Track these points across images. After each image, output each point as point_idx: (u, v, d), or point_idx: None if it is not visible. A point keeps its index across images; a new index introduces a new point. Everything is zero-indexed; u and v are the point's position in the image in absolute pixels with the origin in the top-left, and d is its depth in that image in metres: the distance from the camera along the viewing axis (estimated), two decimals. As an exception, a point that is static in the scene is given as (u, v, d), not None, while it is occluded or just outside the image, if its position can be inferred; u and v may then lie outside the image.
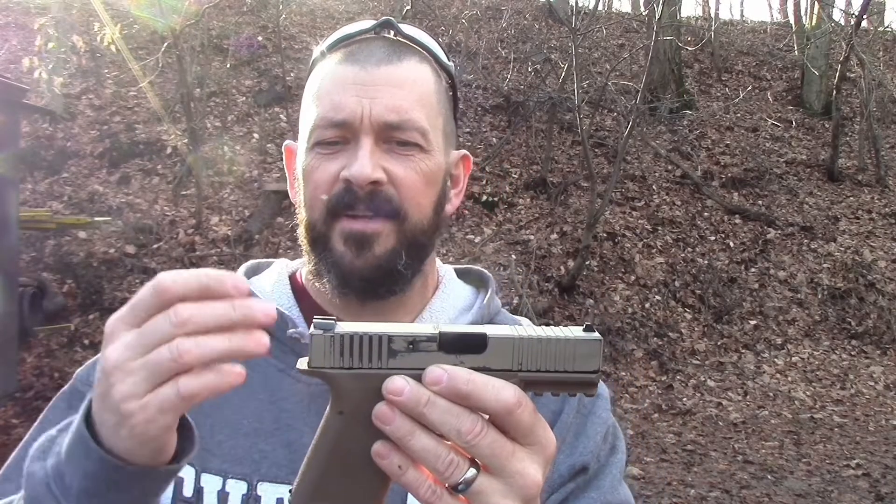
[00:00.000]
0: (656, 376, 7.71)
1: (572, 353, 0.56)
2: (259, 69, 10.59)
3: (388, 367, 0.55)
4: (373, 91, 0.85)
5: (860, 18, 11.31)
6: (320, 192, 0.86)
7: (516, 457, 0.55)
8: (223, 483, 0.86)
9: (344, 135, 0.86)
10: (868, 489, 5.48)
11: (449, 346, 0.56)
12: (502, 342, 0.56)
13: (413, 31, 0.94)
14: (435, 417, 0.54)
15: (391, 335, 0.56)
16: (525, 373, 0.56)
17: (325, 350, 0.56)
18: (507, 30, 11.95)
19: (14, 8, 10.71)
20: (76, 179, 8.49)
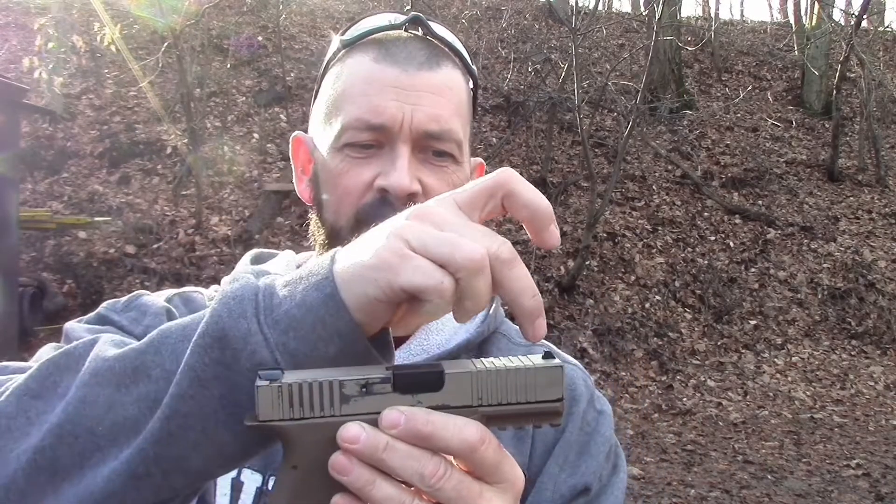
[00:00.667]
0: (656, 376, 7.71)
1: (533, 383, 0.53)
2: (259, 69, 10.59)
3: (341, 413, 0.52)
4: (414, 97, 0.82)
5: (860, 18, 11.31)
6: (351, 198, 0.82)
7: (484, 497, 0.52)
8: (238, 471, 0.83)
9: (379, 139, 0.82)
10: (868, 489, 5.48)
11: (404, 387, 0.52)
12: (460, 377, 0.53)
13: (442, 30, 0.90)
14: (395, 463, 0.50)
15: (342, 380, 0.52)
16: (486, 407, 0.53)
17: (272, 401, 0.51)
18: (507, 30, 11.95)
19: (14, 8, 10.71)
20: (76, 179, 8.50)
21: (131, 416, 0.55)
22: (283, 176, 8.98)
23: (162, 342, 0.57)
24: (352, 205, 0.82)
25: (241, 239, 8.03)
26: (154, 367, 0.56)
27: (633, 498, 5.05)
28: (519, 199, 0.53)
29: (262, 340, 0.52)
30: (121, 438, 0.55)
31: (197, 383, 0.53)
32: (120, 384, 0.56)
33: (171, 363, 0.55)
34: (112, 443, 0.55)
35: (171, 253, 7.77)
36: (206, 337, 0.54)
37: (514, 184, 0.53)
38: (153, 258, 7.67)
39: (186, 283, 7.54)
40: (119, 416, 0.55)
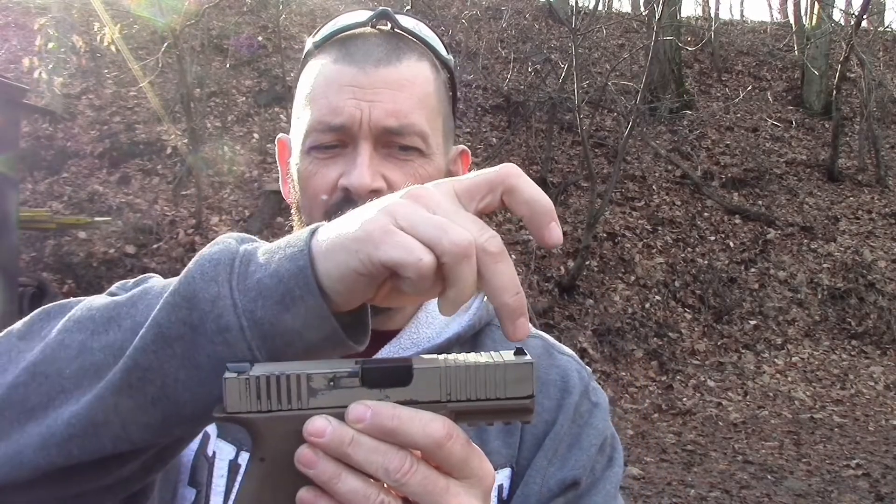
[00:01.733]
0: (656, 376, 7.71)
1: (503, 379, 0.53)
2: (259, 69, 10.59)
3: (308, 407, 0.52)
4: (371, 94, 0.82)
5: (860, 18, 11.31)
6: (319, 199, 0.84)
7: (451, 492, 0.52)
8: (237, 453, 0.84)
9: (342, 139, 0.83)
10: (868, 489, 5.48)
11: (372, 381, 0.52)
12: (428, 372, 0.52)
13: (411, 22, 0.90)
14: (360, 457, 0.50)
15: (310, 373, 0.52)
16: (454, 403, 0.53)
17: (240, 394, 0.52)
18: (507, 30, 11.95)
19: (14, 8, 10.71)
20: (76, 179, 8.50)
21: (97, 361, 0.56)
22: (283, 176, 8.99)
23: (141, 297, 0.58)
24: (321, 206, 0.84)
25: (241, 239, 8.03)
26: (126, 318, 0.57)
27: (633, 498, 5.05)
28: (520, 196, 0.52)
29: (230, 305, 0.52)
30: (84, 383, 0.56)
31: (161, 339, 0.54)
32: (94, 331, 0.57)
33: (143, 317, 0.56)
34: (76, 386, 0.56)
35: (171, 253, 7.76)
36: (177, 296, 0.54)
37: (516, 179, 0.52)
38: (153, 258, 7.67)
39: (186, 283, 7.55)
40: (86, 362, 0.56)
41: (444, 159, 0.89)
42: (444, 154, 0.89)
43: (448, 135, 0.91)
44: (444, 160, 0.89)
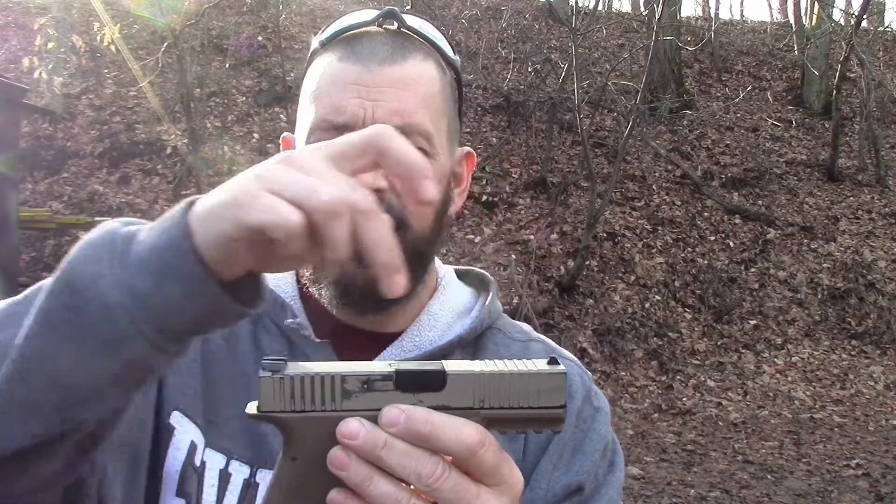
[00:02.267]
0: (656, 376, 7.71)
1: (536, 388, 0.53)
2: (259, 69, 10.59)
3: (342, 408, 0.52)
4: (375, 93, 0.81)
5: (860, 18, 11.31)
6: None
7: (481, 499, 0.52)
8: (226, 463, 0.83)
9: None
10: (868, 489, 5.48)
11: (406, 385, 0.53)
12: (462, 378, 0.53)
13: (417, 21, 0.89)
14: (393, 461, 0.50)
15: (344, 375, 0.53)
16: (487, 410, 0.53)
17: (274, 393, 0.53)
18: (507, 30, 11.95)
19: (14, 8, 10.71)
20: (76, 179, 8.50)
21: None
22: (283, 176, 8.98)
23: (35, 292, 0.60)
24: None
25: (241, 239, 8.03)
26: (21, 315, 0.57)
27: (633, 498, 5.05)
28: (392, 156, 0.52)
29: (109, 283, 0.53)
30: None
31: (46, 325, 0.54)
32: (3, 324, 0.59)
33: None
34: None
35: (171, 253, 7.77)
36: (59, 282, 0.55)
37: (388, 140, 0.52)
38: (153, 258, 7.67)
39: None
40: None
41: (449, 160, 0.89)
42: (448, 154, 0.88)
43: (453, 136, 0.90)
44: (449, 161, 0.89)
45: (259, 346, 0.88)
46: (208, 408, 0.84)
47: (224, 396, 0.85)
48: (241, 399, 0.84)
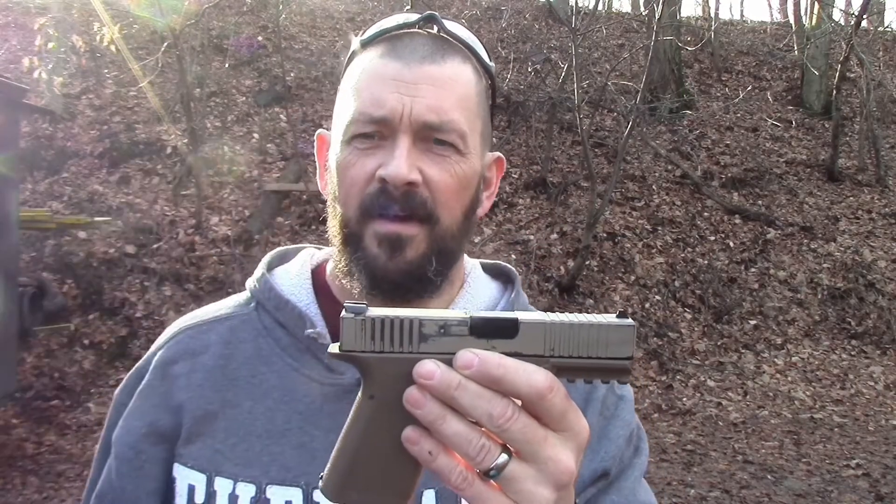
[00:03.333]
0: (656, 376, 7.71)
1: (605, 340, 0.55)
2: (259, 69, 10.59)
3: (419, 351, 0.55)
4: (414, 89, 0.83)
5: (860, 18, 11.31)
6: (356, 189, 0.85)
7: (549, 442, 0.54)
8: (234, 486, 0.86)
9: (382, 130, 0.84)
10: (868, 489, 5.48)
11: (480, 331, 0.55)
12: (534, 327, 0.55)
13: (456, 27, 0.91)
14: (466, 401, 0.53)
15: (422, 319, 0.55)
16: (557, 358, 0.55)
17: (356, 333, 0.56)
18: (507, 30, 11.95)
19: (14, 8, 10.71)
20: (76, 179, 8.50)
21: None
22: (283, 176, 8.97)
23: None
24: (357, 195, 0.85)
25: (241, 239, 8.03)
26: None
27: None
28: None
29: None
30: None
31: None
32: None
33: None
34: None
35: (171, 253, 7.76)
36: None
37: None
38: (153, 258, 7.67)
39: (186, 283, 7.54)
40: None
41: (481, 162, 0.90)
42: (480, 156, 0.90)
43: (486, 139, 0.92)
44: (481, 163, 0.90)
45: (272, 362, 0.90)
46: (213, 439, 0.88)
47: (232, 423, 0.88)
48: (249, 421, 0.88)
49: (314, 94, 10.35)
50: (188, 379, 0.90)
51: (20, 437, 5.78)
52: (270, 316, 0.92)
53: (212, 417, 0.88)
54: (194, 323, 0.96)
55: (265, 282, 0.95)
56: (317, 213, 8.47)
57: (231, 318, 0.94)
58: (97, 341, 6.94)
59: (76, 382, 6.50)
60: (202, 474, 0.87)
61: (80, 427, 6.00)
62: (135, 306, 7.24)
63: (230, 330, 0.93)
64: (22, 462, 5.42)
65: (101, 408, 6.24)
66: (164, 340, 0.96)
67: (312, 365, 0.88)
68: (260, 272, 0.97)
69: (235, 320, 0.94)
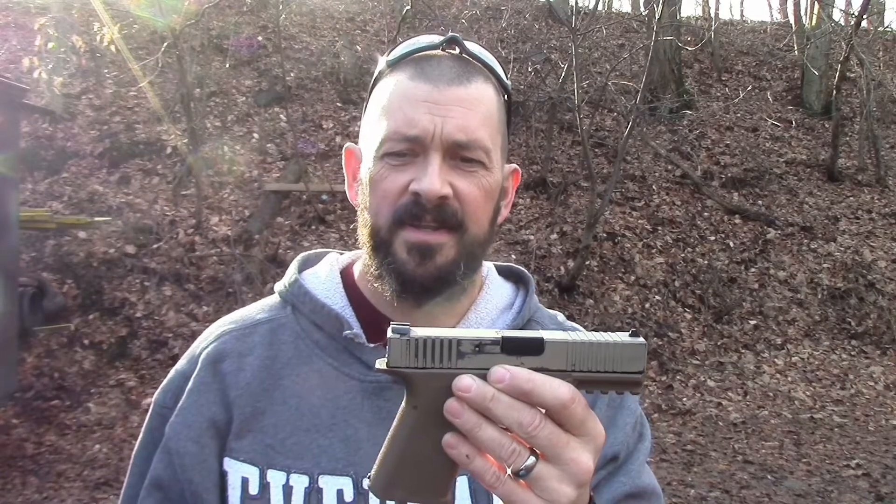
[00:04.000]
0: (656, 376, 7.71)
1: (619, 356, 0.63)
2: (259, 69, 10.59)
3: (457, 367, 0.63)
4: (444, 110, 0.90)
5: (860, 18, 11.30)
6: (388, 200, 0.92)
7: (570, 446, 0.62)
8: (287, 478, 0.92)
9: (414, 148, 0.90)
10: (868, 489, 5.48)
11: (511, 349, 0.63)
12: (558, 346, 0.63)
13: (476, 48, 0.98)
14: (499, 411, 0.61)
15: (460, 339, 0.63)
16: (578, 373, 0.63)
17: (401, 352, 0.63)
18: (507, 30, 11.95)
19: (14, 8, 10.71)
20: (76, 179, 8.49)
21: None
22: (283, 176, 8.98)
23: None
24: (390, 206, 0.92)
25: (241, 239, 8.03)
26: None
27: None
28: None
29: None
30: None
31: None
32: None
33: None
34: None
35: (171, 253, 7.76)
36: None
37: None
38: (153, 258, 7.67)
39: (186, 283, 7.54)
40: None
41: (501, 174, 0.98)
42: (501, 169, 0.98)
43: (504, 152, 1.00)
44: (501, 175, 0.98)
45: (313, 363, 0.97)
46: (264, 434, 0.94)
47: (280, 419, 0.95)
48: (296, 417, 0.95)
49: (314, 94, 10.35)
50: (236, 377, 0.96)
51: (20, 437, 5.78)
52: (307, 318, 0.99)
53: (259, 414, 0.94)
54: (235, 326, 1.02)
55: (299, 286, 1.02)
56: (317, 213, 8.47)
57: (270, 322, 1.01)
58: (97, 341, 6.94)
59: (76, 382, 6.50)
60: (255, 467, 0.93)
61: (80, 427, 6.00)
62: (135, 306, 7.24)
63: (271, 332, 1.00)
64: (22, 462, 5.42)
65: (101, 408, 6.24)
66: (207, 342, 1.01)
67: (351, 363, 0.96)
68: (292, 277, 1.04)
69: (274, 323, 1.01)
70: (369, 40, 11.71)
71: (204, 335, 1.03)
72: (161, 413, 0.98)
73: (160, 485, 0.95)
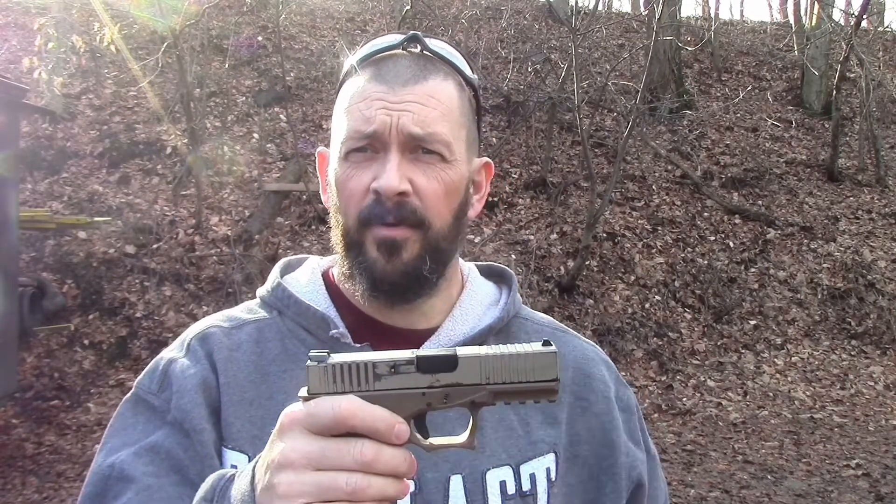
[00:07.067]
0: (656, 376, 7.71)
1: (532, 366, 0.63)
2: (259, 69, 10.59)
3: (374, 389, 0.64)
4: (399, 106, 0.92)
5: (860, 18, 11.31)
6: (354, 201, 0.93)
7: None
8: None
9: (374, 144, 0.92)
10: (868, 489, 5.48)
11: (425, 368, 0.64)
12: (471, 360, 0.64)
13: (439, 45, 0.99)
14: None
15: (375, 362, 0.64)
16: (492, 385, 0.64)
17: (320, 378, 0.65)
18: (507, 30, 11.95)
19: (14, 8, 10.71)
20: (76, 179, 8.49)
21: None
22: (283, 176, 8.98)
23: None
24: (356, 206, 0.93)
25: (241, 239, 8.03)
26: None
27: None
28: (360, 426, 0.63)
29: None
30: None
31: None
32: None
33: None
34: None
35: (171, 253, 7.76)
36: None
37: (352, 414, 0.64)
38: (153, 258, 7.67)
39: (186, 283, 7.54)
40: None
41: (468, 167, 0.98)
42: (467, 162, 0.98)
43: (471, 146, 0.99)
44: (468, 168, 0.98)
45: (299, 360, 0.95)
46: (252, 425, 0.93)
47: (268, 412, 0.93)
48: None
49: (314, 94, 10.35)
50: (226, 366, 0.96)
51: (20, 437, 5.78)
52: (293, 321, 0.99)
53: (247, 404, 0.94)
54: (222, 325, 1.01)
55: (283, 290, 1.02)
56: (317, 213, 8.47)
57: (257, 322, 1.01)
58: (97, 341, 6.94)
59: (76, 382, 6.50)
60: (243, 455, 0.92)
61: (80, 427, 6.00)
62: (135, 306, 7.24)
63: (258, 331, 1.00)
64: (22, 462, 5.42)
65: (101, 408, 6.24)
66: (196, 333, 1.00)
67: None
68: (275, 282, 1.04)
69: (261, 324, 1.01)
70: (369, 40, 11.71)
71: (191, 328, 1.03)
72: (145, 398, 0.95)
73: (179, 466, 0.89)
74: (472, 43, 11.37)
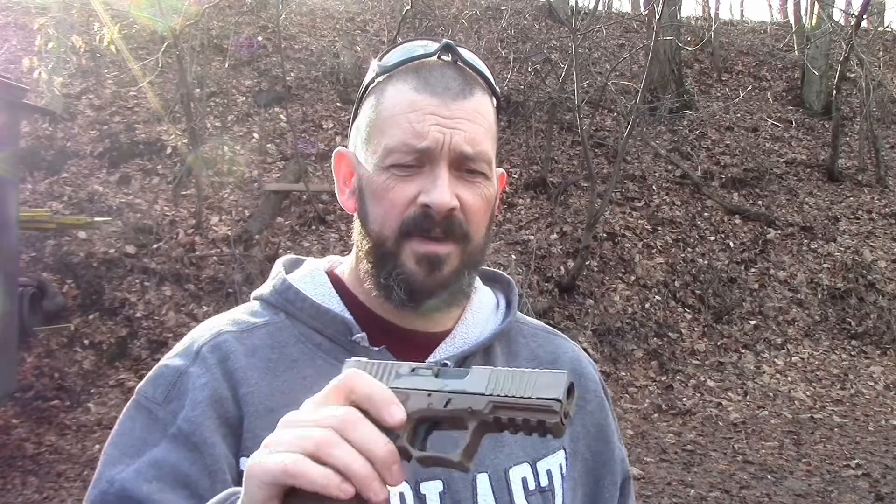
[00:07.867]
0: (656, 376, 7.71)
1: (536, 383, 0.64)
2: (259, 69, 10.59)
3: (394, 386, 0.68)
4: (452, 123, 0.91)
5: (860, 18, 11.31)
6: (395, 211, 0.92)
7: None
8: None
9: (421, 160, 0.91)
10: (868, 489, 5.48)
11: (441, 374, 0.69)
12: (482, 372, 0.67)
13: (470, 55, 0.99)
14: None
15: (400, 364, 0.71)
16: (494, 396, 0.65)
17: None
18: (507, 30, 11.94)
19: (14, 8, 10.71)
20: (76, 179, 8.50)
21: None
22: (283, 176, 8.98)
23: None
24: (397, 217, 0.92)
25: (241, 239, 8.03)
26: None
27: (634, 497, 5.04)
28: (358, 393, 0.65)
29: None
30: None
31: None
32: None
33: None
34: None
35: (171, 253, 7.76)
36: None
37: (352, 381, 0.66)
38: (153, 258, 7.67)
39: (186, 283, 7.54)
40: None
41: (495, 180, 0.99)
42: (495, 176, 0.99)
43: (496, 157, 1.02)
44: (495, 181, 0.99)
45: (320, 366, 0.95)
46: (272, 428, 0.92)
47: None
48: None
49: (314, 94, 10.35)
50: (245, 374, 0.93)
51: (20, 437, 5.78)
52: (305, 323, 0.98)
53: (270, 412, 0.90)
54: (232, 329, 0.97)
55: (295, 292, 1.00)
56: (317, 213, 8.47)
57: (267, 325, 0.98)
58: (97, 341, 6.94)
59: (76, 382, 6.50)
60: None
61: (80, 427, 6.00)
62: (135, 306, 7.24)
63: (270, 335, 0.97)
64: (22, 462, 5.42)
65: (101, 408, 6.25)
66: (205, 339, 0.96)
67: None
68: (282, 282, 1.01)
69: (272, 327, 0.98)
70: (369, 40, 11.71)
71: (198, 332, 0.98)
72: (149, 407, 0.91)
73: (186, 482, 0.86)
74: (472, 43, 11.38)
